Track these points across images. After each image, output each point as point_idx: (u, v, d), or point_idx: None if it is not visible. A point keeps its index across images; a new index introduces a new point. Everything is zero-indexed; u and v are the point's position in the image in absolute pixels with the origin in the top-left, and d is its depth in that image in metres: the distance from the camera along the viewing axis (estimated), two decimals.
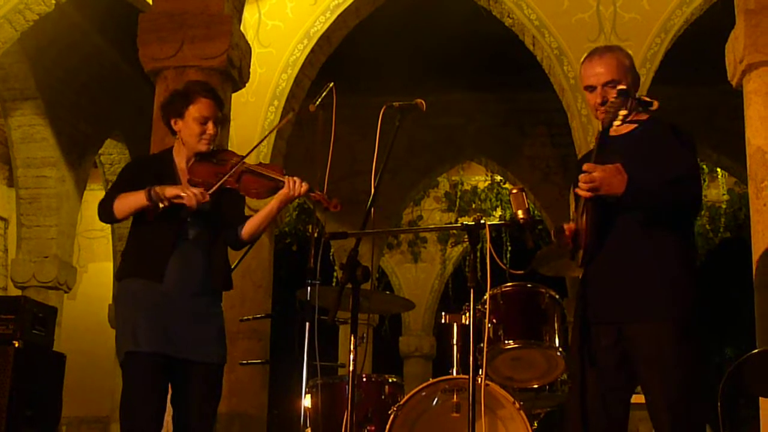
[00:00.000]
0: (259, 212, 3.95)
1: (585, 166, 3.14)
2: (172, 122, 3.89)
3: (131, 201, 3.72)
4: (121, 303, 3.81)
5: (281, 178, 3.82)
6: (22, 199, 10.44)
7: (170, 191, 3.67)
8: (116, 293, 3.87)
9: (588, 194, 3.13)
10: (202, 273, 3.81)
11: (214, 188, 3.75)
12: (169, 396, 3.78)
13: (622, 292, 3.23)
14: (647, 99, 3.22)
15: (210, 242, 3.85)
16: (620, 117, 3.09)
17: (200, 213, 3.78)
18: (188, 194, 3.65)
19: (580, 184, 3.14)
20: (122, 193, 3.78)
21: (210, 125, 3.85)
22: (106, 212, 3.81)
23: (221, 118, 3.95)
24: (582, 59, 3.51)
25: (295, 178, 3.79)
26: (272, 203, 3.87)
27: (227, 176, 3.76)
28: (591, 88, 3.42)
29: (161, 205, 3.67)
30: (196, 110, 3.83)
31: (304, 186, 3.78)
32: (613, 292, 3.24)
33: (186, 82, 4.27)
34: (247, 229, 3.94)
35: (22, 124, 10.35)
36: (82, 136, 10.76)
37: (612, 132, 3.34)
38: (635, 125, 3.35)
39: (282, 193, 3.80)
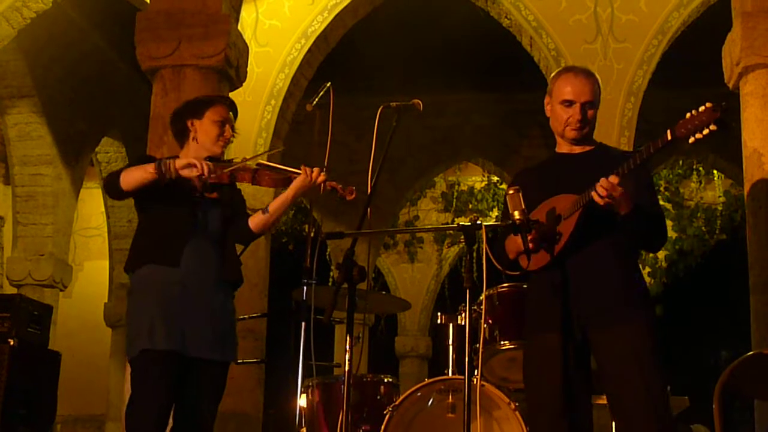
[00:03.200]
0: (273, 202, 3.96)
1: (612, 178, 3.13)
2: (189, 123, 3.90)
3: (138, 172, 3.68)
4: (137, 296, 3.77)
5: (296, 170, 3.83)
6: (18, 197, 10.42)
7: (180, 161, 3.65)
8: (131, 285, 3.82)
9: (602, 201, 3.15)
10: (216, 264, 3.81)
11: (230, 169, 3.76)
12: None
13: (590, 299, 3.28)
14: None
15: (221, 234, 3.86)
16: (705, 132, 3.07)
17: (211, 204, 3.80)
18: (200, 164, 3.63)
19: (600, 189, 3.13)
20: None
21: (227, 128, 3.91)
22: (112, 184, 3.75)
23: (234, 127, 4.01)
24: (557, 74, 3.51)
25: (312, 168, 3.80)
26: (288, 191, 3.86)
27: (242, 163, 3.77)
28: (569, 103, 3.42)
29: (168, 177, 3.64)
30: (215, 112, 3.90)
31: (322, 174, 3.79)
32: (581, 298, 3.29)
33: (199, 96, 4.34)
34: (259, 220, 3.94)
35: (18, 122, 10.33)
36: (79, 134, 10.75)
37: (565, 150, 3.51)
38: (592, 147, 3.50)
39: (298, 181, 3.80)
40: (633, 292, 3.35)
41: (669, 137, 3.04)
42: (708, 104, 2.97)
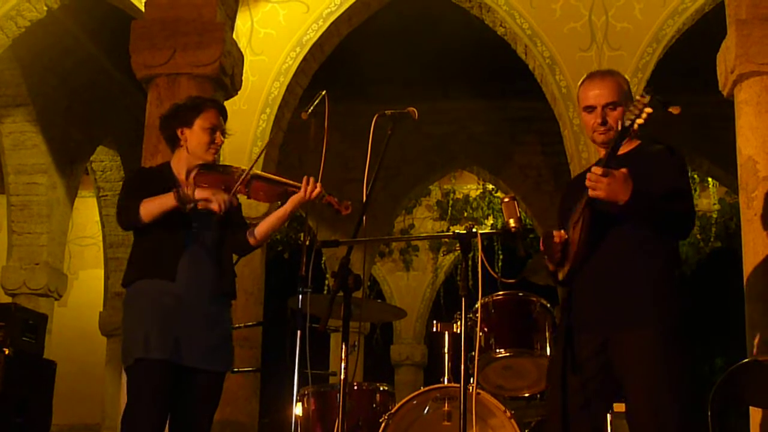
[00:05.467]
0: (270, 216, 3.96)
1: (594, 169, 3.13)
2: (179, 131, 3.87)
3: (158, 203, 3.68)
4: (132, 306, 3.77)
5: (292, 182, 3.83)
6: (13, 206, 10.41)
7: (200, 194, 3.67)
8: (127, 296, 3.82)
9: (592, 193, 3.13)
10: (212, 277, 3.81)
11: (233, 191, 3.75)
12: None
13: (609, 301, 3.24)
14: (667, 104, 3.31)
15: (218, 247, 3.85)
16: (644, 116, 3.07)
17: (207, 215, 3.78)
18: (218, 199, 3.65)
19: (587, 182, 3.13)
20: (138, 198, 3.73)
21: (218, 135, 3.88)
22: (130, 218, 3.74)
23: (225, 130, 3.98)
24: (580, 81, 3.52)
25: (309, 179, 3.80)
26: (285, 206, 3.87)
27: (239, 184, 3.76)
28: (590, 109, 3.43)
29: (188, 207, 3.67)
30: (205, 119, 3.86)
31: (318, 188, 3.80)
32: (601, 300, 3.26)
33: (188, 96, 4.28)
34: (257, 233, 3.95)
35: (13, 131, 10.32)
36: (74, 143, 10.74)
37: (604, 154, 3.41)
38: (635, 144, 3.41)
39: (297, 196, 3.80)
40: (649, 291, 3.21)
41: (619, 126, 3.12)
42: (643, 92, 3.12)
